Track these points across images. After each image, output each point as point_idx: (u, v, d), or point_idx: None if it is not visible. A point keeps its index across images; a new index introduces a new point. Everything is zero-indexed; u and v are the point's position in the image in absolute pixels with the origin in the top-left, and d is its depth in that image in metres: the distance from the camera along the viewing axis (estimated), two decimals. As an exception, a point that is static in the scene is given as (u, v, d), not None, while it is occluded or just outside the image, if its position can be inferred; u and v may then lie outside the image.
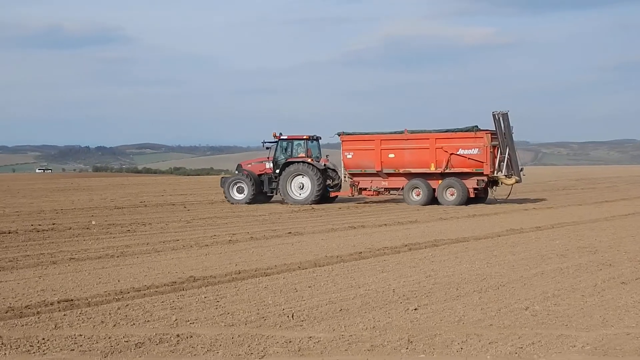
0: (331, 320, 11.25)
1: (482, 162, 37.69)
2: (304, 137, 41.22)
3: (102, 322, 11.18)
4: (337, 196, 41.50)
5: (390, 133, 40.03)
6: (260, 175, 41.26)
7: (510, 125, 38.41)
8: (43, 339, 10.16)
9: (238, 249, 20.14)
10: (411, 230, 25.37)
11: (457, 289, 13.83)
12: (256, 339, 10.09)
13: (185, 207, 37.78)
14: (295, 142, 41.27)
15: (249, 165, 42.00)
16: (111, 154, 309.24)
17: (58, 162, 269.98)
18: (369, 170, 39.81)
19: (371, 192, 40.47)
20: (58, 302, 12.53)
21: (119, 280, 14.93)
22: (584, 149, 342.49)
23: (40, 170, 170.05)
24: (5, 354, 9.46)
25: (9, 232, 24.50)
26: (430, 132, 39.18)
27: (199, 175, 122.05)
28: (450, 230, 24.78)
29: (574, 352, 9.53)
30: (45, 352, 9.53)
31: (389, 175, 39.62)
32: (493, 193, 40.14)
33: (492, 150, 37.80)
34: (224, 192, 40.99)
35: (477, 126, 38.10)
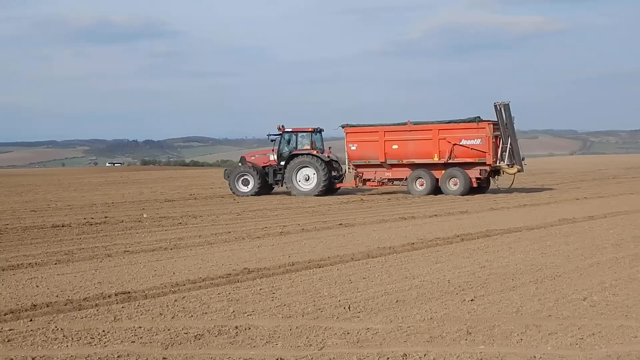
0: (388, 312, 11.23)
1: (485, 152, 38.25)
2: (309, 129, 41.78)
3: (160, 314, 11.26)
4: (339, 187, 41.92)
5: (394, 124, 40.63)
6: (264, 167, 41.68)
7: (512, 115, 38.75)
8: (103, 331, 10.26)
9: (290, 241, 20.18)
10: (462, 220, 25.24)
11: (513, 280, 13.74)
12: (314, 331, 10.10)
13: (235, 200, 37.95)
14: (300, 135, 41.74)
15: (253, 158, 42.33)
16: (159, 148, 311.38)
17: (106, 156, 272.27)
18: (373, 162, 40.38)
19: (375, 183, 41.02)
20: (115, 295, 12.64)
21: (174, 273, 15.03)
22: (633, 137, 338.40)
23: (110, 165, 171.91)
24: (67, 345, 9.56)
25: (63, 226, 24.77)
26: (433, 123, 39.72)
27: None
28: (501, 221, 24.62)
29: (636, 343, 9.43)
30: (106, 344, 9.62)
31: (393, 166, 40.19)
32: (496, 182, 40.43)
33: (494, 140, 38.24)
34: (230, 185, 41.28)
35: (479, 117, 38.59)
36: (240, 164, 42.51)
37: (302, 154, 40.74)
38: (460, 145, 38.48)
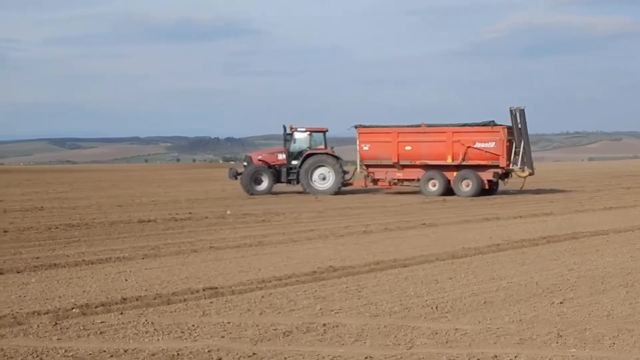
0: (476, 313, 11.14)
1: (499, 155, 38.77)
2: (323, 129, 42.37)
3: (248, 310, 11.33)
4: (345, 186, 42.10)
5: (407, 126, 41.07)
6: (273, 166, 41.61)
7: (526, 121, 39.32)
8: (193, 325, 10.35)
9: (373, 240, 20.16)
10: (547, 222, 24.93)
11: (602, 283, 13.51)
12: (402, 330, 10.06)
13: (316, 198, 38.06)
14: (313, 135, 42.00)
15: (261, 157, 42.04)
16: (240, 145, 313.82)
17: (188, 153, 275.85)
18: (384, 162, 40.70)
19: (385, 183, 41.37)
20: (203, 290, 12.76)
21: (259, 269, 15.11)
22: None
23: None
24: (158, 339, 9.68)
25: (149, 221, 25.13)
26: (447, 125, 40.27)
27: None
28: (588, 223, 24.25)
29: None
30: (196, 338, 9.71)
31: (404, 166, 40.44)
32: (505, 185, 41.09)
33: (508, 144, 38.78)
34: (243, 184, 40.60)
35: (493, 121, 39.17)
36: (245, 163, 41.91)
37: (318, 154, 41.12)
38: (474, 147, 39.05)
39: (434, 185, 39.58)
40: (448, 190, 39.26)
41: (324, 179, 40.97)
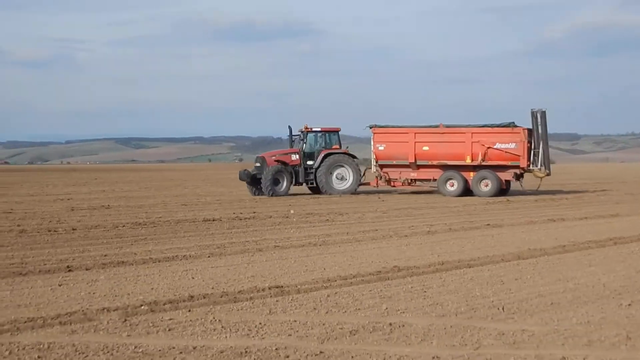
0: (543, 314, 11.06)
1: (519, 156, 39.31)
2: (337, 129, 42.34)
3: (314, 308, 11.39)
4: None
5: (425, 127, 41.30)
6: (290, 166, 41.18)
7: (546, 122, 39.75)
8: (260, 323, 10.44)
9: (437, 240, 20.12)
10: (614, 223, 24.64)
11: (672, 286, 13.33)
12: (469, 330, 10.04)
13: (379, 198, 38.07)
14: (328, 135, 41.95)
15: (274, 157, 41.21)
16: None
17: (251, 152, 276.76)
18: (400, 162, 40.81)
19: (399, 183, 41.47)
20: (269, 288, 12.85)
21: (324, 268, 15.17)
22: None
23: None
24: (225, 336, 9.77)
25: (214, 220, 25.36)
26: (466, 126, 40.67)
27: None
28: (655, 225, 23.92)
29: None
30: (263, 336, 9.79)
31: (420, 167, 40.70)
32: (521, 185, 41.26)
33: (528, 145, 39.33)
34: (265, 184, 39.71)
35: (513, 122, 39.74)
36: (258, 164, 41.04)
37: (335, 153, 41.05)
38: (495, 148, 39.55)
39: (452, 185, 40.05)
40: (466, 191, 39.82)
41: (341, 178, 41.01)
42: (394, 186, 42.03)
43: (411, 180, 41.25)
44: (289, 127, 42.22)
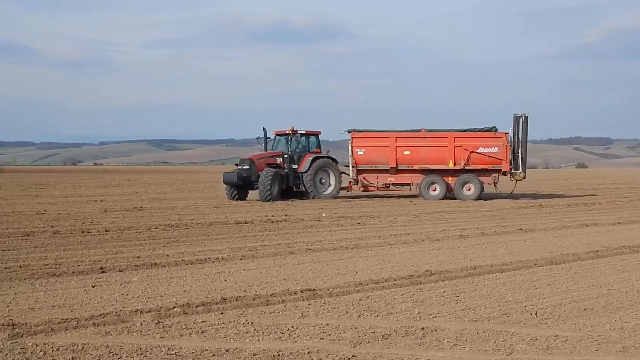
0: (576, 319, 11.00)
1: (502, 160, 39.92)
2: (318, 132, 41.31)
3: (346, 312, 11.39)
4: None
5: (406, 131, 41.01)
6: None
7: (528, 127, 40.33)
8: (292, 326, 10.46)
9: (470, 244, 20.06)
10: (648, 229, 24.47)
11: None
12: (501, 336, 10.01)
13: (411, 202, 38.01)
14: (310, 137, 40.92)
15: (262, 160, 39.21)
16: (334, 146, 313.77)
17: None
18: (380, 167, 40.50)
19: (374, 188, 41.12)
20: (301, 292, 12.86)
21: (356, 272, 15.18)
22: None
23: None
24: (258, 339, 9.80)
25: (245, 222, 25.44)
26: (448, 131, 40.67)
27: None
28: (690, 230, 23.71)
29: None
30: (295, 339, 9.81)
31: (399, 171, 40.49)
32: (496, 188, 41.43)
33: (510, 149, 39.92)
34: (265, 189, 37.53)
35: (495, 127, 40.40)
36: (246, 167, 38.70)
37: (322, 157, 40.11)
38: (478, 152, 39.95)
39: (435, 190, 40.21)
40: (448, 195, 40.19)
41: (324, 183, 40.01)
42: (367, 190, 41.36)
43: (387, 184, 41.05)
44: (264, 128, 41.26)
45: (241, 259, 17.03)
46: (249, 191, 39.46)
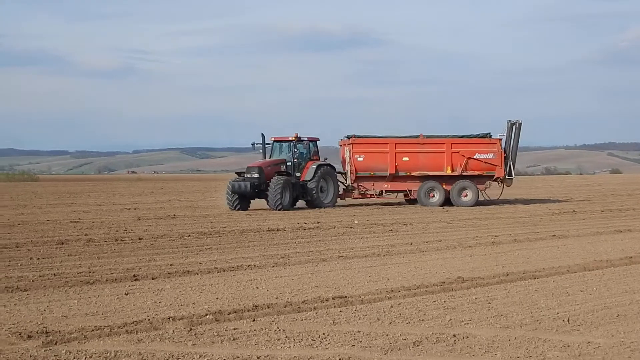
0: (609, 326, 10.95)
1: (496, 166, 40.19)
2: (317, 138, 40.03)
3: (377, 319, 11.40)
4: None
5: (405, 137, 40.84)
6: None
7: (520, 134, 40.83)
8: (323, 333, 10.48)
9: (502, 251, 20.00)
10: (683, 235, 24.25)
11: None
12: (533, 342, 9.97)
13: (443, 208, 37.93)
14: (311, 144, 39.56)
15: (270, 168, 37.63)
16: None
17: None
18: (379, 173, 40.06)
19: (371, 195, 40.63)
20: (333, 299, 12.88)
21: (388, 279, 15.18)
22: None
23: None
24: (289, 346, 9.84)
25: (278, 230, 25.50)
26: (445, 137, 40.70)
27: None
28: None
29: None
30: (327, 346, 9.83)
31: (396, 178, 40.15)
32: (485, 194, 41.51)
33: (504, 155, 40.28)
34: (278, 197, 36.24)
35: (489, 133, 40.74)
36: (256, 175, 36.95)
37: (325, 165, 38.90)
38: (474, 159, 40.11)
39: (433, 196, 40.13)
40: (446, 201, 40.03)
41: (324, 191, 38.72)
42: (365, 197, 40.89)
43: (380, 192, 40.66)
44: (262, 134, 39.72)
45: (273, 266, 17.09)
46: (251, 200, 37.95)
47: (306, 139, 39.28)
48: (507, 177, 40.55)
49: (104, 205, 42.62)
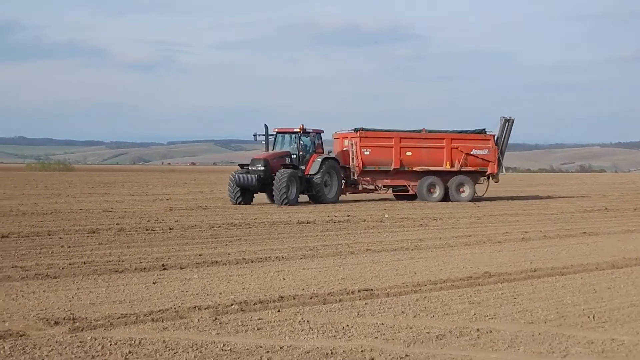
0: (634, 324, 10.89)
1: (490, 162, 40.51)
2: (321, 131, 38.85)
3: (402, 312, 11.42)
4: None
5: (409, 131, 40.56)
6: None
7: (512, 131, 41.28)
8: (347, 325, 10.52)
9: (531, 247, 19.93)
10: None
11: None
12: (557, 338, 9.96)
13: (474, 204, 37.83)
14: (316, 137, 38.33)
15: (276, 160, 36.45)
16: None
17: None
18: (383, 168, 39.48)
19: (362, 189, 40.10)
20: (359, 291, 12.91)
21: (415, 273, 15.19)
22: None
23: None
24: (312, 337, 9.88)
25: (308, 222, 25.58)
26: (445, 132, 40.93)
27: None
28: None
29: None
30: (350, 338, 9.87)
31: (398, 173, 39.68)
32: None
33: (497, 151, 40.61)
34: (280, 192, 34.84)
35: (484, 129, 41.03)
36: (262, 167, 35.71)
37: (330, 159, 37.87)
38: (472, 154, 40.38)
39: (434, 191, 39.92)
40: (446, 196, 39.90)
41: (327, 185, 37.47)
42: (367, 192, 40.54)
43: (378, 187, 39.90)
44: (265, 125, 38.49)
45: (301, 258, 17.16)
46: (255, 194, 36.95)
47: (312, 131, 38.17)
48: (500, 173, 40.89)
49: (137, 195, 42.95)
